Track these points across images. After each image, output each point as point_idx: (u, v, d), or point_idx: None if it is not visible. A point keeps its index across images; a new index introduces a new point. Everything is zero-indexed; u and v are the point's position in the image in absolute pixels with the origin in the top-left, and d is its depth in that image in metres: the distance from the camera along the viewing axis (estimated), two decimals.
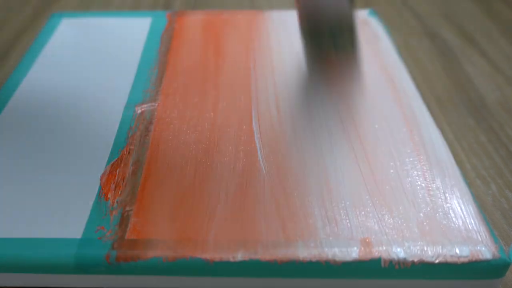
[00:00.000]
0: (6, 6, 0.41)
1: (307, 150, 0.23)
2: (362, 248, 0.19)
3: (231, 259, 0.18)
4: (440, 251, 0.18)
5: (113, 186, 0.21)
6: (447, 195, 0.21)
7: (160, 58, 0.30)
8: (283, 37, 0.32)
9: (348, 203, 0.21)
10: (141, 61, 0.30)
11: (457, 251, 0.18)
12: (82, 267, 0.18)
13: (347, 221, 0.20)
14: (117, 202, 0.21)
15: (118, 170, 0.22)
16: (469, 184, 0.25)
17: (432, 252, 0.18)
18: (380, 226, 0.19)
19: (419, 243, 0.19)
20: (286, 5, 0.42)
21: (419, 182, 0.22)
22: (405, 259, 0.18)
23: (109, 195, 0.21)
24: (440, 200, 0.21)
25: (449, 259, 0.18)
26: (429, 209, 0.20)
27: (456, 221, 0.20)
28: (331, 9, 0.26)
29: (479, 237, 0.19)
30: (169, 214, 0.20)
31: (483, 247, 0.19)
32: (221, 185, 0.21)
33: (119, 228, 0.19)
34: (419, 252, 0.18)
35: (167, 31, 0.33)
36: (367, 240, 0.19)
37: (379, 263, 0.18)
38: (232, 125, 0.25)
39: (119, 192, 0.21)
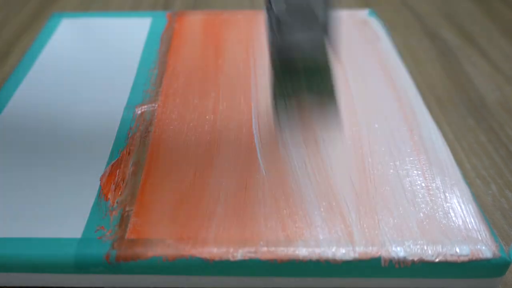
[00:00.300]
0: (6, 6, 0.41)
1: (307, 151, 0.23)
2: (362, 247, 0.19)
3: (231, 258, 0.18)
4: (440, 250, 0.18)
5: (113, 186, 0.21)
6: (447, 194, 0.21)
7: (160, 58, 0.30)
8: None
9: (348, 202, 0.21)
10: (141, 61, 0.30)
11: (457, 250, 0.18)
12: (82, 266, 0.18)
13: (347, 220, 0.20)
14: (117, 202, 0.21)
15: (118, 170, 0.22)
16: (469, 184, 0.25)
17: (432, 251, 0.18)
18: (380, 225, 0.19)
19: (419, 242, 0.19)
20: None
21: (419, 182, 0.22)
22: (405, 258, 0.18)
23: (109, 196, 0.21)
24: (440, 199, 0.21)
25: (449, 258, 0.18)
26: (429, 209, 0.20)
27: (456, 220, 0.20)
28: (305, 45, 0.23)
29: (479, 236, 0.19)
30: (169, 214, 0.20)
31: (483, 246, 0.19)
32: (221, 185, 0.21)
33: (119, 228, 0.19)
34: (419, 251, 0.18)
35: (167, 31, 0.33)
36: (367, 239, 0.19)
37: (379, 262, 0.18)
38: (232, 126, 0.25)
39: (119, 193, 0.21)
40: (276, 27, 0.22)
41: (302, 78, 0.24)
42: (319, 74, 0.24)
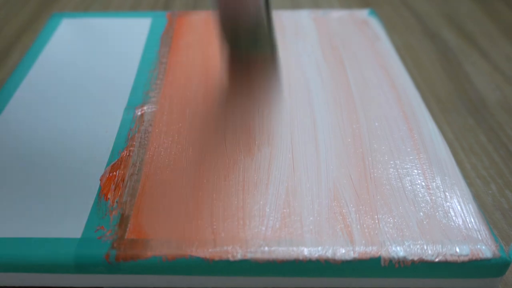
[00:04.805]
0: (6, 6, 0.41)
1: (307, 150, 0.23)
2: (362, 247, 0.19)
3: (231, 258, 0.18)
4: (440, 250, 0.18)
5: (113, 186, 0.21)
6: (447, 193, 0.21)
7: (160, 59, 0.30)
8: (282, 37, 0.32)
9: (348, 201, 0.21)
10: (141, 61, 0.30)
11: (457, 250, 0.18)
12: (82, 266, 0.18)
13: (347, 220, 0.20)
14: (116, 202, 0.21)
15: (118, 171, 0.22)
16: (469, 184, 0.25)
17: (432, 251, 0.18)
18: (380, 225, 0.19)
19: (419, 242, 0.19)
20: (286, 5, 0.42)
21: (419, 181, 0.22)
22: (405, 258, 0.18)
23: (108, 196, 0.21)
24: (440, 199, 0.21)
25: (449, 258, 0.18)
26: (429, 208, 0.20)
27: (456, 220, 0.20)
28: (248, 10, 0.25)
29: (479, 236, 0.19)
30: (168, 214, 0.20)
31: (483, 246, 0.19)
32: (220, 185, 0.21)
33: (118, 228, 0.19)
34: (419, 251, 0.18)
35: (167, 31, 0.33)
36: (367, 239, 0.19)
37: (379, 262, 0.18)
38: (231, 126, 0.25)
39: (119, 193, 0.21)
40: None
41: (247, 39, 0.26)
42: (261, 36, 0.26)
